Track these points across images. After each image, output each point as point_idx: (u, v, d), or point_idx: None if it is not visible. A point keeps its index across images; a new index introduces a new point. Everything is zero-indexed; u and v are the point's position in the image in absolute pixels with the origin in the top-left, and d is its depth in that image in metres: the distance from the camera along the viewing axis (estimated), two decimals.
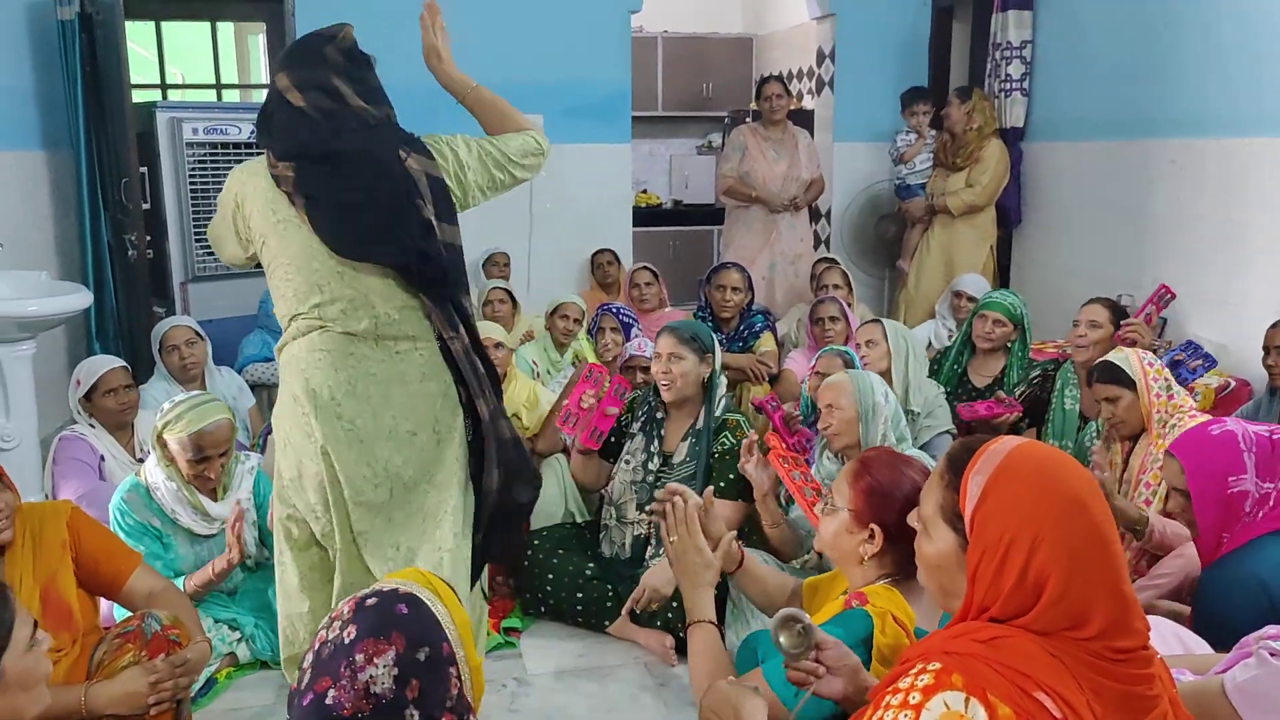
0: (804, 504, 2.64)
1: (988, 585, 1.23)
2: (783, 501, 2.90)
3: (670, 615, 2.80)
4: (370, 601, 1.25)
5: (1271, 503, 2.09)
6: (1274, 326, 3.35)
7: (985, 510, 1.25)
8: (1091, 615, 1.19)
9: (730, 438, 2.98)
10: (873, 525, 1.82)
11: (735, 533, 2.04)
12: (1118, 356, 2.88)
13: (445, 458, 2.13)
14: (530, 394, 3.88)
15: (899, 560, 1.80)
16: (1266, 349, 3.35)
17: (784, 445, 2.74)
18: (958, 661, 1.19)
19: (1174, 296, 4.03)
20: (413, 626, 1.23)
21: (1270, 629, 1.68)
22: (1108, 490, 2.52)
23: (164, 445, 2.67)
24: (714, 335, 3.09)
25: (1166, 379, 2.83)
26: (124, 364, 3.33)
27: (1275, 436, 2.14)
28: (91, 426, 3.23)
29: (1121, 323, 3.57)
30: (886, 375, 3.40)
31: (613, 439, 3.15)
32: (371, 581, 2.11)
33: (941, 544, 1.35)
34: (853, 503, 1.86)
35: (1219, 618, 2.02)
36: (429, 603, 1.27)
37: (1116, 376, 2.84)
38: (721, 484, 2.90)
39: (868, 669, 1.62)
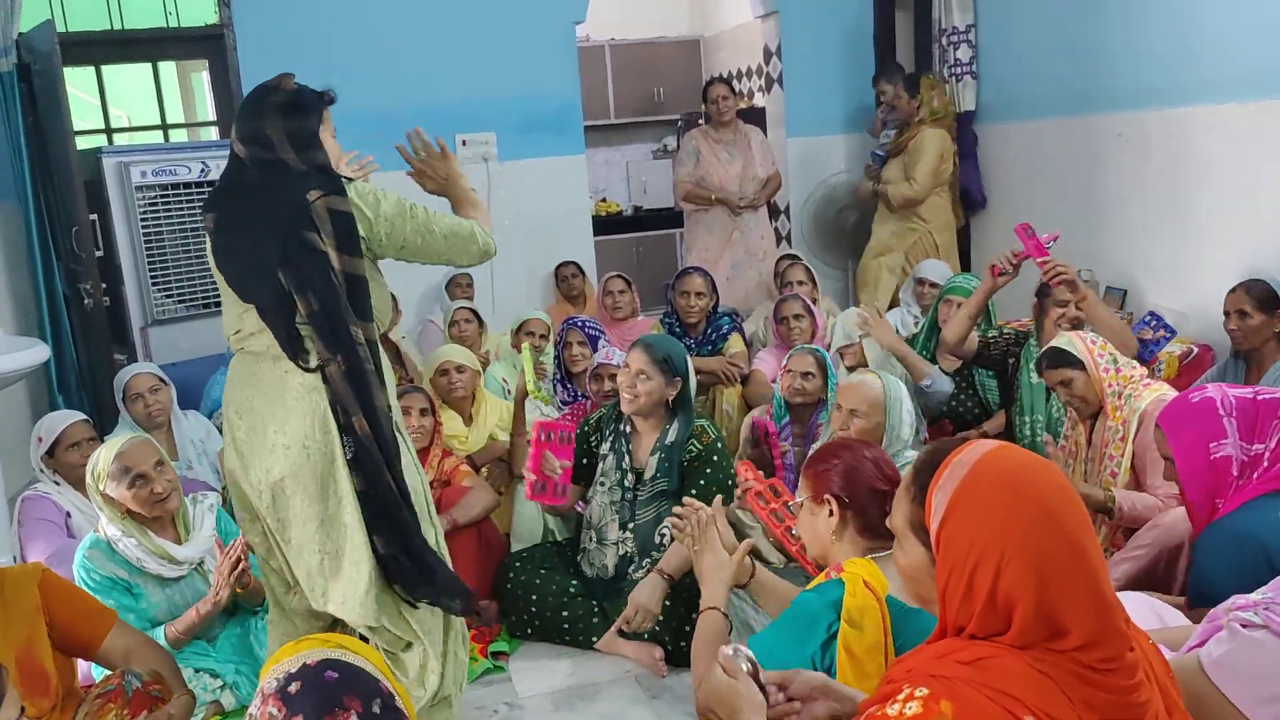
0: (790, 547, 2.57)
1: (958, 606, 1.19)
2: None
3: (658, 628, 2.79)
4: (294, 687, 1.23)
5: (1266, 463, 2.08)
6: (1232, 291, 3.38)
7: (950, 529, 1.20)
8: (1071, 627, 1.15)
9: (697, 444, 2.98)
10: (826, 497, 1.94)
11: (750, 541, 2.13)
12: (1061, 341, 2.96)
13: (318, 473, 2.22)
14: (503, 415, 3.86)
15: (864, 526, 1.91)
16: (1227, 313, 3.37)
17: (760, 478, 2.70)
18: (945, 686, 1.15)
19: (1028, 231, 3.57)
20: (354, 685, 1.24)
21: (1239, 599, 1.67)
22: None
23: (109, 500, 2.66)
24: (687, 357, 3.06)
25: (1111, 354, 2.90)
26: (85, 417, 3.28)
27: (1260, 397, 2.14)
28: (56, 484, 3.17)
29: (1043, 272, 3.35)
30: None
31: (584, 460, 3.14)
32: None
33: (913, 556, 1.34)
34: (806, 489, 2.00)
35: (1218, 579, 2.01)
36: (344, 657, 1.28)
37: (1065, 360, 2.90)
38: (693, 491, 2.88)
39: (836, 629, 1.66)
